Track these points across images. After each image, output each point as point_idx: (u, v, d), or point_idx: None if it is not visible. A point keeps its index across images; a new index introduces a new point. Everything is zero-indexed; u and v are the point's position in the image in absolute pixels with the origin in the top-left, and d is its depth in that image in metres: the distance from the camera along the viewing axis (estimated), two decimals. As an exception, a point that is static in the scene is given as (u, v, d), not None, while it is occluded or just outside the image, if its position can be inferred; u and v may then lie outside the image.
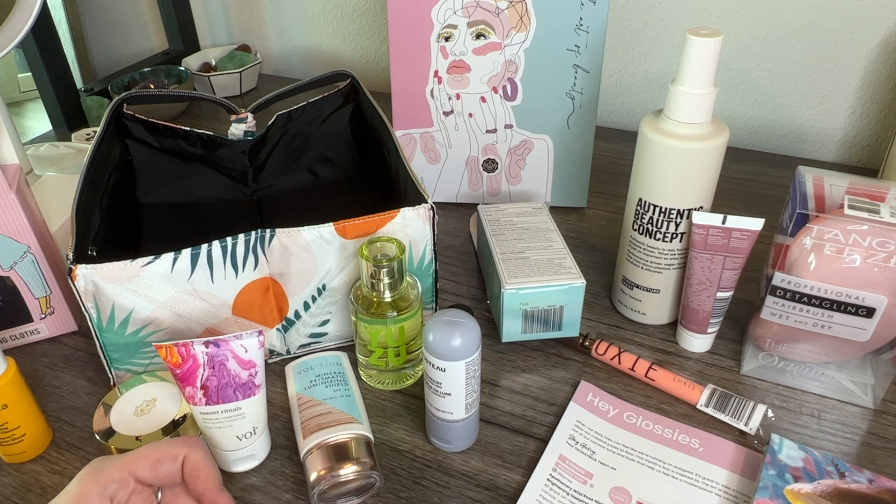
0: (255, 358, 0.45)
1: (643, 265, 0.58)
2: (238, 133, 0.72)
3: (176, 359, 0.44)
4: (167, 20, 1.15)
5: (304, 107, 0.74)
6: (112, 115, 0.67)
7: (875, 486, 0.44)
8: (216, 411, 0.45)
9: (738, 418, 0.51)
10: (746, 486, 0.47)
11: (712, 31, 0.49)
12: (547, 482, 0.47)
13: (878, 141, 0.88)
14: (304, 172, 0.78)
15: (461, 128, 0.75)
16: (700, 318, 0.56)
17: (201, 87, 1.10)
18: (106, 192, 0.62)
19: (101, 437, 0.46)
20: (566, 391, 0.55)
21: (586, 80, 0.70)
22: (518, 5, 0.67)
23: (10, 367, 0.47)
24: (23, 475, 0.50)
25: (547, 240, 0.60)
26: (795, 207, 0.49)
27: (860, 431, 0.51)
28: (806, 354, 0.54)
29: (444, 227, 0.76)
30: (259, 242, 0.51)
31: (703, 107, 0.51)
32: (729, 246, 0.52)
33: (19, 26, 0.68)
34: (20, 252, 0.57)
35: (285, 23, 1.17)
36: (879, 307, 0.48)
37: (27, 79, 1.24)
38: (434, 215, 0.54)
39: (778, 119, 0.92)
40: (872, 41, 0.82)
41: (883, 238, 0.46)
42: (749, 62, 0.89)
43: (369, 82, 1.16)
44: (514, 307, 0.55)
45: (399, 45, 0.71)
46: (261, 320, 0.55)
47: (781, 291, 0.50)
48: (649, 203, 0.55)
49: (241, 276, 0.52)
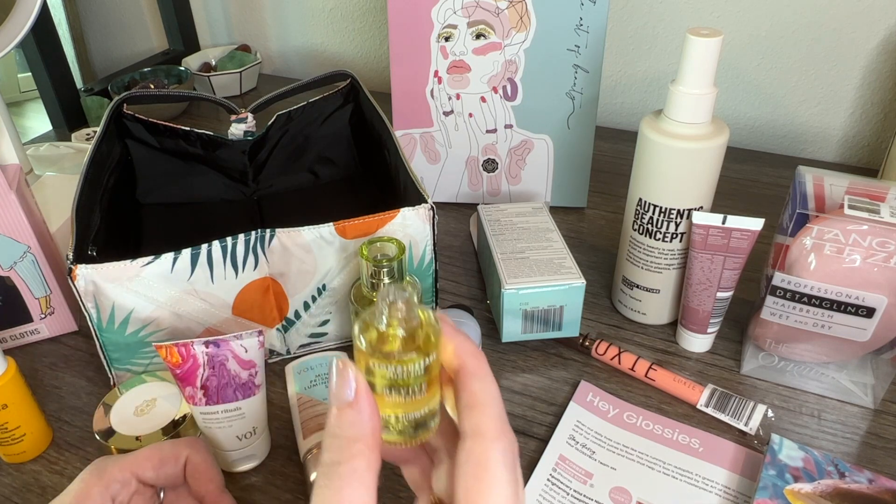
0: (255, 358, 0.45)
1: (643, 265, 0.58)
2: (238, 133, 0.72)
3: (176, 359, 0.44)
4: (167, 20, 1.15)
5: (304, 107, 0.74)
6: (112, 115, 0.67)
7: (875, 486, 0.44)
8: (216, 411, 0.45)
9: (738, 418, 0.51)
10: (746, 486, 0.47)
11: (712, 31, 0.49)
12: (547, 482, 0.47)
13: (878, 141, 0.88)
14: (304, 172, 0.78)
15: (461, 128, 0.75)
16: (700, 318, 0.56)
17: (201, 87, 1.10)
18: (106, 191, 0.62)
19: (101, 437, 0.46)
20: (566, 391, 0.55)
21: (586, 80, 0.70)
22: (518, 5, 0.67)
23: (10, 367, 0.47)
24: (23, 475, 0.50)
25: (547, 240, 0.60)
26: (795, 207, 0.49)
27: (860, 431, 0.51)
28: (806, 354, 0.54)
29: (444, 227, 0.76)
30: (259, 242, 0.51)
31: (703, 107, 0.51)
32: (729, 246, 0.52)
33: (19, 26, 0.68)
34: (20, 252, 0.57)
35: (285, 23, 1.17)
36: (879, 307, 0.48)
37: (27, 79, 1.24)
38: (434, 215, 0.54)
39: (778, 119, 0.92)
40: (872, 41, 0.82)
41: (883, 238, 0.46)
42: (749, 62, 0.89)
43: (369, 82, 1.16)
44: (514, 307, 0.55)
45: (399, 45, 0.71)
46: (261, 320, 0.55)
47: (781, 291, 0.50)
48: (649, 203, 0.55)
49: (241, 276, 0.52)
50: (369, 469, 0.24)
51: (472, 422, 0.25)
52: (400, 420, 0.26)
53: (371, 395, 0.25)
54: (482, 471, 0.24)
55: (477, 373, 0.26)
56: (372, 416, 0.25)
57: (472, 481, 0.24)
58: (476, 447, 0.24)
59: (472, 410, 0.25)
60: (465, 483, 0.24)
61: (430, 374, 0.26)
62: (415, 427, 0.26)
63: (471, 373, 0.26)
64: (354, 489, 0.23)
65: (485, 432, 0.25)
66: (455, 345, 0.26)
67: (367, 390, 0.25)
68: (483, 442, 0.24)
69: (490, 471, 0.24)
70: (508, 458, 0.25)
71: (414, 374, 0.25)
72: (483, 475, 0.24)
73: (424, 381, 0.25)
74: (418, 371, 0.25)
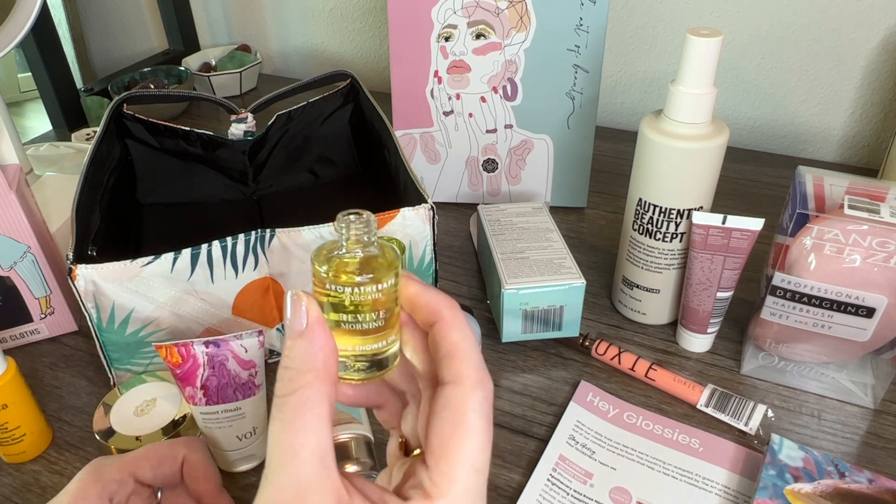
0: (255, 358, 0.45)
1: (643, 265, 0.58)
2: (238, 133, 0.72)
3: (176, 359, 0.44)
4: (167, 20, 1.15)
5: (304, 107, 0.74)
6: (112, 115, 0.67)
7: (875, 486, 0.44)
8: (216, 411, 0.45)
9: (738, 418, 0.51)
10: (746, 486, 0.47)
11: (712, 31, 0.49)
12: (547, 482, 0.47)
13: (878, 141, 0.88)
14: (304, 172, 0.78)
15: (461, 128, 0.75)
16: (700, 318, 0.56)
17: (201, 87, 1.10)
18: (106, 191, 0.62)
19: (101, 437, 0.46)
20: (566, 391, 0.55)
21: (586, 80, 0.70)
22: (518, 5, 0.67)
23: (10, 367, 0.47)
24: (23, 475, 0.50)
25: (547, 240, 0.60)
26: (795, 207, 0.49)
27: (860, 431, 0.51)
28: (806, 354, 0.54)
29: (444, 227, 0.76)
30: (259, 242, 0.51)
31: (703, 107, 0.51)
32: (729, 246, 0.52)
33: (19, 26, 0.68)
34: (20, 252, 0.57)
35: (285, 23, 1.17)
36: (879, 307, 0.48)
37: (27, 79, 1.24)
38: (434, 215, 0.54)
39: (778, 119, 0.92)
40: (872, 41, 0.82)
41: (883, 238, 0.46)
42: (749, 62, 0.89)
43: (369, 82, 1.16)
44: (514, 307, 0.55)
45: (399, 45, 0.71)
46: (261, 320, 0.55)
47: (781, 291, 0.50)
48: (649, 203, 0.55)
49: (241, 275, 0.52)
50: (322, 399, 0.24)
51: (453, 370, 0.25)
52: (356, 355, 0.26)
53: (324, 326, 0.25)
54: (460, 417, 0.24)
55: (454, 322, 0.26)
56: (324, 346, 0.24)
57: (448, 427, 0.24)
58: (455, 394, 0.25)
59: (453, 359, 0.25)
60: (440, 428, 0.24)
61: (385, 307, 0.25)
62: (371, 364, 0.26)
63: (448, 322, 0.26)
64: (306, 420, 0.23)
65: (465, 380, 0.25)
66: (428, 297, 0.27)
67: (319, 320, 0.25)
68: (463, 389, 0.25)
69: (467, 418, 0.24)
70: (485, 407, 0.25)
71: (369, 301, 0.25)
72: (461, 422, 0.24)
73: (381, 310, 0.25)
74: (374, 295, 0.25)
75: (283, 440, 0.23)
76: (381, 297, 0.25)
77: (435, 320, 0.26)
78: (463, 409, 0.24)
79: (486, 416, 0.25)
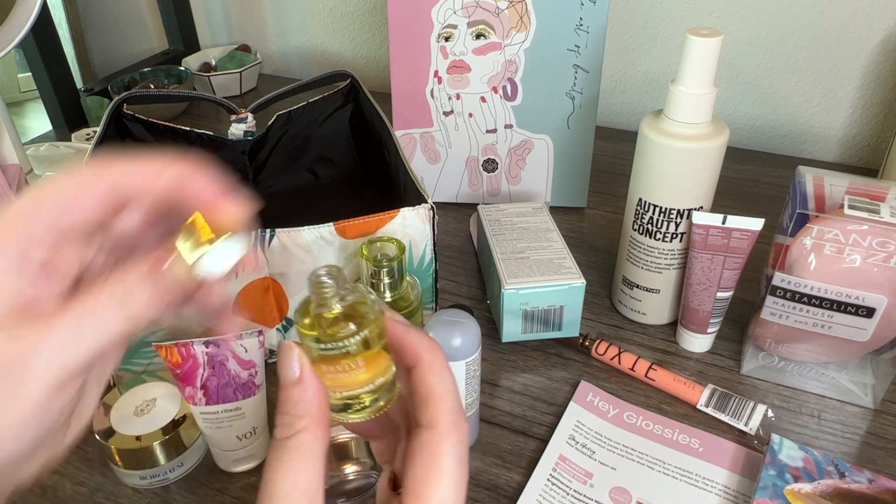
0: (255, 358, 0.45)
1: (643, 265, 0.58)
2: (238, 133, 0.72)
3: (176, 359, 0.44)
4: (167, 20, 1.15)
5: (304, 107, 0.74)
6: (112, 115, 0.66)
7: (875, 486, 0.44)
8: (216, 411, 0.45)
9: (738, 418, 0.51)
10: (746, 486, 0.47)
11: (712, 31, 0.49)
12: (547, 482, 0.47)
13: (878, 141, 0.88)
14: (304, 172, 0.78)
15: (461, 128, 0.75)
16: (700, 318, 0.56)
17: (201, 87, 1.10)
18: (106, 192, 0.62)
19: (101, 437, 0.46)
20: (566, 391, 0.55)
21: (586, 80, 0.70)
22: (518, 5, 0.67)
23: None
24: (23, 475, 0.50)
25: (547, 240, 0.60)
26: (795, 207, 0.49)
27: (860, 431, 0.51)
28: (806, 354, 0.54)
29: (444, 227, 0.76)
30: (259, 242, 0.51)
31: (703, 107, 0.51)
32: (729, 246, 0.52)
33: (19, 26, 0.68)
34: (20, 252, 0.57)
35: (285, 23, 1.17)
36: (879, 307, 0.48)
37: (27, 79, 1.24)
38: (434, 215, 0.54)
39: (778, 119, 0.92)
40: (872, 41, 0.82)
41: (883, 238, 0.46)
42: (749, 62, 0.89)
43: (369, 82, 1.16)
44: (514, 307, 0.55)
45: (399, 45, 0.71)
46: (261, 320, 0.55)
47: (781, 291, 0.50)
48: (649, 203, 0.55)
49: (241, 275, 0.52)
50: (316, 442, 0.25)
51: (428, 414, 0.26)
52: (348, 397, 0.27)
53: (314, 373, 0.26)
54: (434, 461, 0.25)
55: (432, 367, 0.27)
56: (317, 393, 0.26)
57: (422, 470, 0.25)
58: (430, 438, 0.26)
59: (428, 404, 0.26)
60: (415, 470, 0.25)
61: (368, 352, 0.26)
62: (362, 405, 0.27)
63: (426, 366, 0.27)
64: (302, 461, 0.25)
65: (439, 425, 0.26)
66: (409, 341, 0.27)
67: (310, 368, 0.26)
68: (437, 434, 0.26)
69: (441, 462, 0.25)
70: (459, 451, 0.26)
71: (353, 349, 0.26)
72: (434, 465, 0.25)
73: (366, 354, 0.26)
74: (356, 347, 0.26)
75: (277, 481, 0.25)
76: (363, 345, 0.26)
77: (415, 363, 0.27)
78: (437, 453, 0.25)
79: (459, 460, 0.26)
